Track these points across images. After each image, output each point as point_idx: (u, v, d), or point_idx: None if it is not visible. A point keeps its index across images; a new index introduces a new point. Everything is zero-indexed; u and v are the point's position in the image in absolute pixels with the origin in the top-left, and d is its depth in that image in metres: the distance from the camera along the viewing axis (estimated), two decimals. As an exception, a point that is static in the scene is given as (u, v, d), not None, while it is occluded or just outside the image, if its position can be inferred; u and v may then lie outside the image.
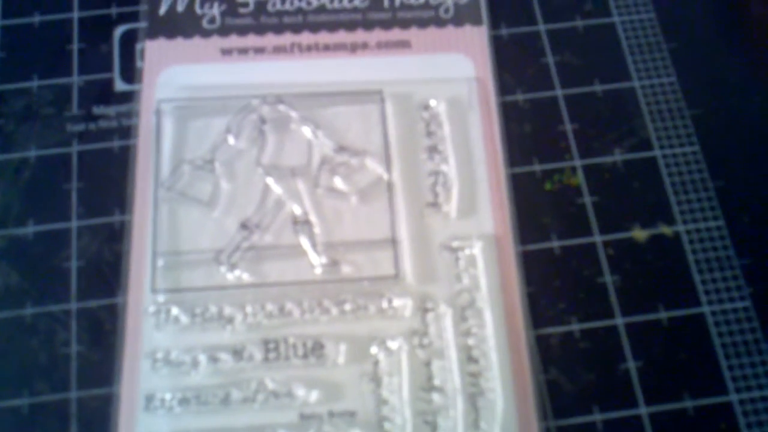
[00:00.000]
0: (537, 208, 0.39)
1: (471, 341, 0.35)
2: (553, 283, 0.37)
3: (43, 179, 0.39)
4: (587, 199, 0.39)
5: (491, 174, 0.38)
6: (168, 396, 0.34)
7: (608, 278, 0.37)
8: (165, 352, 0.35)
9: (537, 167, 0.40)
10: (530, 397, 0.34)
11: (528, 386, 0.35)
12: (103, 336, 0.36)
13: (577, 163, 0.40)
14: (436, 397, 0.34)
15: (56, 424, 0.34)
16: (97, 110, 0.40)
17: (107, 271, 0.37)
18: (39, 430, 0.34)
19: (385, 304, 0.36)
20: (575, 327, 0.36)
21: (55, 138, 0.40)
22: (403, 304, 0.36)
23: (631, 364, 0.35)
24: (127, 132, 0.40)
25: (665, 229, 0.38)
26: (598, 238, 0.38)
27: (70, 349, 0.36)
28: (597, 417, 0.34)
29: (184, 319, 0.35)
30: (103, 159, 0.39)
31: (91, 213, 0.38)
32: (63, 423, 0.34)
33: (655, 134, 0.40)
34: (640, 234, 0.38)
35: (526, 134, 0.40)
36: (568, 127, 0.41)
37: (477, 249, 0.37)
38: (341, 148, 0.39)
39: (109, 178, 0.39)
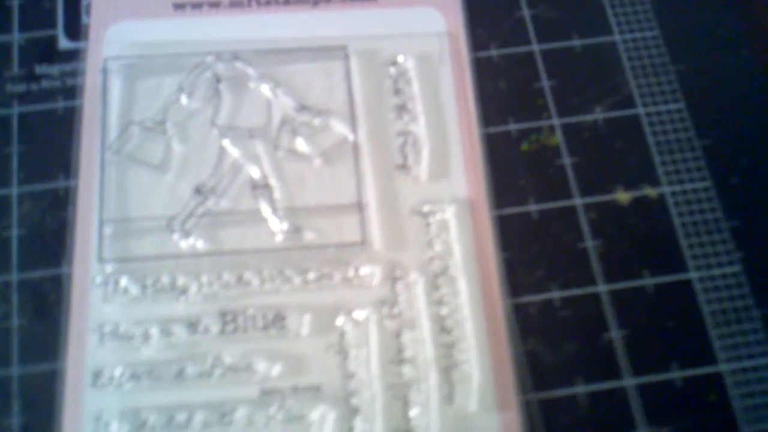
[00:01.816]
0: (513, 170, 0.37)
1: (444, 311, 0.34)
2: (531, 248, 0.36)
3: None
4: (566, 160, 0.37)
5: (464, 134, 0.37)
6: (117, 372, 0.32)
7: (590, 243, 0.36)
8: (114, 325, 0.33)
9: (513, 127, 0.38)
10: (508, 369, 0.33)
11: (505, 358, 0.33)
12: (47, 308, 0.34)
13: (556, 122, 0.38)
14: (407, 369, 0.33)
15: None
16: (39, 69, 0.38)
17: (51, 239, 0.35)
18: None
19: (351, 273, 0.34)
20: (555, 295, 0.35)
21: None
22: (371, 272, 0.34)
23: (615, 334, 0.34)
24: (71, 92, 0.38)
25: (649, 191, 0.37)
26: (578, 201, 0.37)
27: (10, 323, 0.34)
28: (580, 389, 0.33)
29: (134, 289, 0.33)
30: (46, 121, 0.37)
31: (33, 178, 0.36)
32: (4, 401, 0.33)
33: (637, 91, 0.39)
34: (623, 196, 0.37)
35: (500, 92, 0.39)
36: (546, 84, 0.39)
37: (449, 213, 0.35)
38: (303, 108, 0.37)
39: (52, 142, 0.37)
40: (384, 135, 0.37)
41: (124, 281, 0.34)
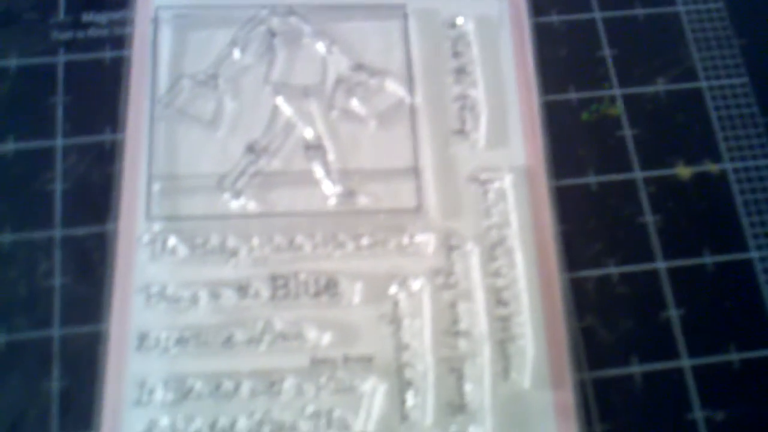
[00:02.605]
0: (573, 140, 0.36)
1: (500, 282, 0.32)
2: (589, 222, 0.35)
3: (25, 91, 0.36)
4: (627, 132, 0.36)
5: (523, 101, 0.36)
6: (164, 335, 0.31)
7: (649, 218, 0.35)
8: (161, 286, 0.32)
9: (573, 95, 0.37)
10: (564, 345, 0.32)
11: (562, 333, 0.32)
12: (91, 267, 0.32)
13: (617, 92, 0.37)
14: (461, 342, 0.31)
15: (36, 363, 0.31)
16: (86, 17, 0.37)
17: (96, 195, 0.33)
18: (17, 371, 0.31)
19: (405, 240, 0.33)
20: (613, 270, 0.34)
21: (39, 46, 0.37)
22: (426, 240, 0.33)
23: (673, 312, 0.33)
24: (119, 42, 0.36)
25: (711, 167, 0.36)
26: (638, 175, 0.35)
27: (53, 282, 0.32)
28: (635, 369, 0.32)
29: (183, 250, 0.32)
30: (93, 71, 0.36)
31: (79, 130, 0.35)
32: (44, 363, 0.31)
33: (701, 64, 0.38)
34: (684, 171, 0.36)
35: (561, 59, 0.37)
36: (607, 52, 0.38)
37: (507, 182, 0.34)
38: (359, 67, 0.36)
39: (99, 93, 0.35)
40: (441, 98, 0.36)
41: (172, 241, 0.32)
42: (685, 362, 0.32)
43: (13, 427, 0.31)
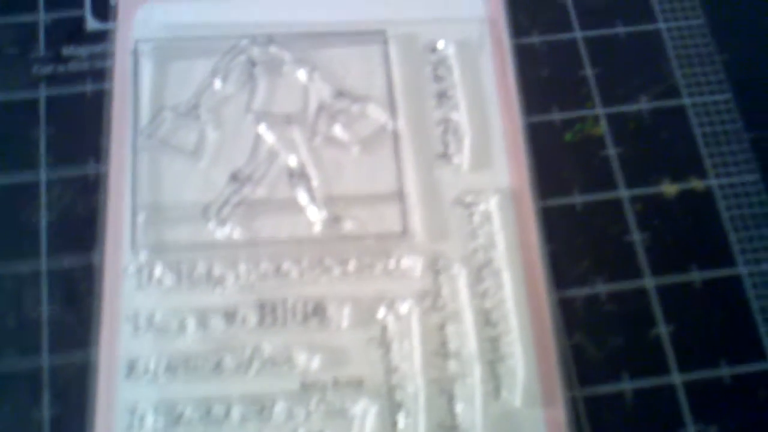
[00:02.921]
0: (557, 161, 0.39)
1: (488, 303, 0.35)
2: (575, 241, 0.37)
3: (7, 125, 0.39)
4: (611, 151, 0.39)
5: (506, 123, 0.39)
6: (152, 362, 0.34)
7: (636, 236, 0.37)
8: (148, 314, 0.34)
9: (556, 116, 0.40)
10: (554, 363, 0.34)
11: (551, 352, 0.34)
12: (78, 297, 0.35)
13: (600, 111, 0.40)
14: (451, 363, 0.34)
15: (26, 393, 0.34)
16: (66, 51, 0.40)
17: (81, 226, 0.36)
18: (7, 401, 0.34)
19: (392, 264, 0.36)
20: (601, 288, 0.36)
21: (20, 81, 0.39)
22: (413, 264, 0.36)
23: (663, 329, 0.36)
24: (100, 75, 0.39)
25: (696, 184, 0.38)
26: (624, 193, 0.38)
27: (40, 312, 0.35)
28: (626, 385, 0.35)
29: (169, 278, 0.35)
30: (75, 104, 0.39)
31: (62, 163, 0.38)
32: (34, 392, 0.34)
33: (683, 81, 0.40)
34: (669, 189, 0.38)
35: (543, 80, 0.40)
36: (589, 72, 0.41)
37: (492, 204, 0.37)
38: (340, 94, 0.39)
39: (81, 125, 0.38)
40: (424, 122, 0.39)
41: (158, 270, 0.35)
42: (676, 378, 0.35)
43: None
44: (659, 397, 0.35)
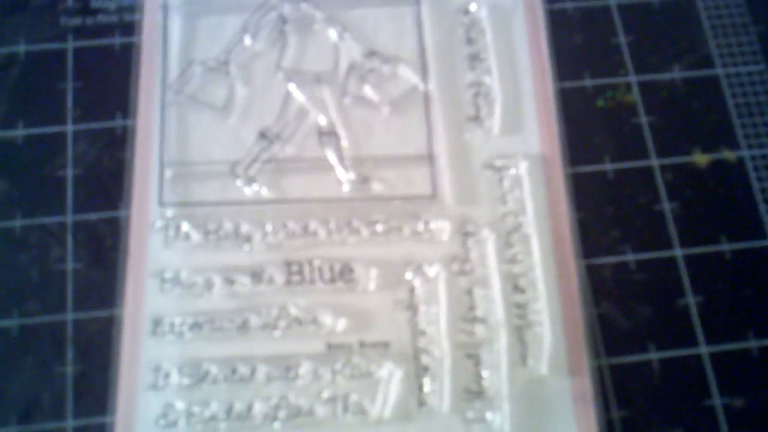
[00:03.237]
0: (588, 127, 0.39)
1: (517, 269, 0.35)
2: (605, 209, 0.37)
3: (34, 78, 0.39)
4: (643, 119, 0.39)
5: (538, 88, 0.39)
6: (178, 320, 0.34)
7: (666, 205, 0.37)
8: (174, 272, 0.35)
9: (588, 82, 0.40)
10: (581, 332, 0.34)
11: (578, 321, 0.35)
12: (103, 252, 0.35)
13: (632, 79, 0.40)
14: (478, 328, 0.34)
15: (50, 347, 0.34)
16: (95, 3, 0.40)
17: (108, 180, 0.37)
18: (30, 354, 0.34)
19: (420, 227, 0.36)
20: (630, 257, 0.36)
21: (48, 32, 0.40)
22: (441, 227, 0.36)
23: (691, 300, 0.36)
24: (129, 28, 0.39)
25: (728, 154, 0.38)
26: (655, 162, 0.38)
27: (65, 266, 0.35)
28: (653, 355, 0.35)
29: (196, 236, 0.35)
30: (103, 57, 0.39)
31: (89, 116, 0.38)
32: (57, 347, 0.34)
33: (717, 51, 0.40)
34: (701, 159, 0.38)
35: (576, 46, 0.41)
36: (623, 39, 0.41)
37: (522, 169, 0.37)
38: (371, 54, 0.39)
39: (109, 79, 0.38)
40: (455, 85, 0.39)
41: (185, 226, 0.35)
42: (703, 349, 0.35)
43: (27, 412, 0.33)
44: (686, 368, 0.35)
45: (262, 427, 0.33)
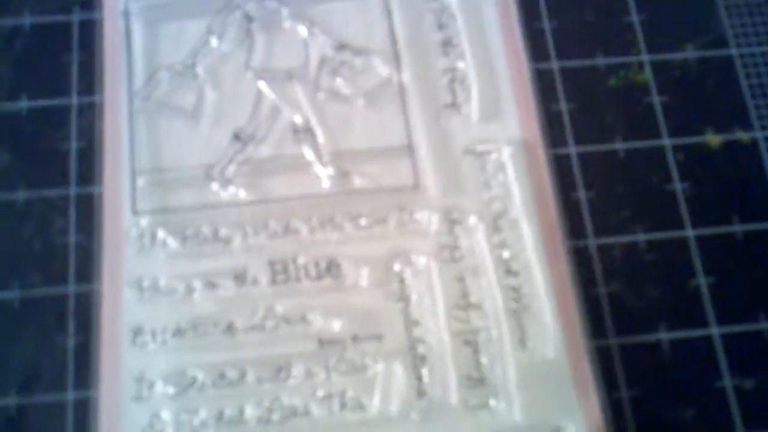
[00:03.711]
0: (599, 106, 0.47)
1: (507, 254, 0.43)
2: (616, 188, 0.45)
3: (39, 50, 0.47)
4: (656, 99, 0.47)
5: (513, 72, 0.47)
6: (159, 328, 0.41)
7: (678, 186, 0.45)
8: (152, 279, 0.42)
9: (600, 61, 0.48)
10: (575, 313, 0.42)
11: (571, 303, 0.42)
12: (106, 225, 0.41)
13: (645, 58, 0.48)
14: (473, 315, 0.42)
15: (51, 320, 0.42)
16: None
17: (111, 153, 0.42)
18: (31, 326, 0.41)
19: (405, 218, 0.43)
20: (641, 237, 0.44)
21: (53, 4, 0.48)
22: (427, 216, 0.43)
23: (702, 280, 0.43)
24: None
25: (741, 135, 0.46)
26: (667, 142, 0.46)
27: (67, 239, 0.43)
28: (663, 336, 0.42)
29: (173, 242, 0.42)
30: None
31: (94, 89, 0.46)
32: (59, 319, 0.42)
33: (731, 31, 0.49)
34: (713, 139, 0.46)
35: (587, 24, 0.49)
36: (635, 18, 0.49)
37: (505, 154, 0.45)
38: (342, 46, 0.46)
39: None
40: (429, 73, 0.47)
41: (161, 233, 0.42)
42: (714, 330, 0.42)
43: (27, 383, 0.40)
44: (697, 349, 0.42)
45: (256, 430, 0.40)
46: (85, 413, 0.41)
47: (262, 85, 0.46)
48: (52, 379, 0.41)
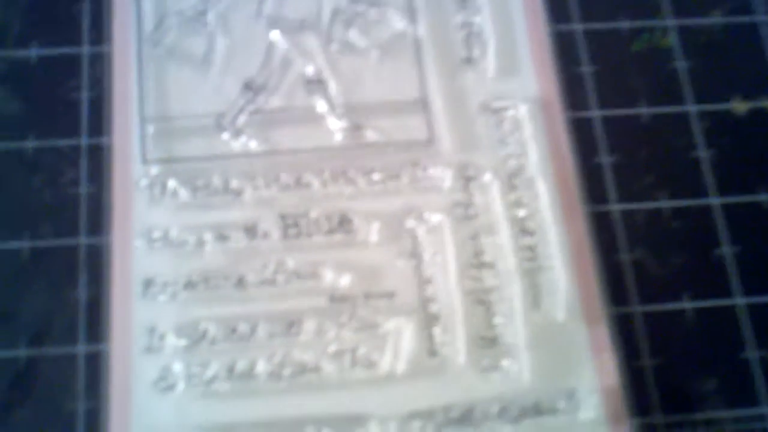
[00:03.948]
0: (622, 70, 0.46)
1: (522, 212, 0.42)
2: (639, 153, 0.45)
3: None
4: (680, 64, 0.47)
5: (531, 29, 0.46)
6: (170, 280, 0.41)
7: (703, 153, 0.45)
8: (163, 230, 0.41)
9: (624, 24, 0.47)
10: (592, 278, 0.42)
11: (589, 266, 0.42)
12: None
13: (670, 23, 0.48)
14: (487, 274, 0.41)
15: (61, 271, 0.41)
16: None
17: (122, 104, 0.41)
18: (41, 278, 0.41)
19: (419, 173, 0.43)
20: (665, 204, 0.43)
21: None
22: (441, 173, 0.43)
23: (727, 250, 0.43)
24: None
25: (767, 104, 0.46)
26: (691, 108, 0.46)
27: (78, 190, 0.42)
28: (687, 305, 0.42)
29: (184, 193, 0.42)
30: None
31: (106, 38, 0.45)
32: (69, 271, 0.41)
33: None
34: (739, 106, 0.46)
35: None
36: None
37: (522, 111, 0.44)
38: None
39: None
40: (445, 26, 0.46)
41: (172, 183, 0.42)
42: (739, 300, 0.42)
43: (38, 335, 0.40)
44: (721, 319, 0.42)
45: (267, 385, 0.39)
46: (96, 366, 0.40)
47: (274, 34, 0.46)
48: (63, 332, 0.41)
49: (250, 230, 0.42)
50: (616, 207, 0.44)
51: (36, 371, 0.40)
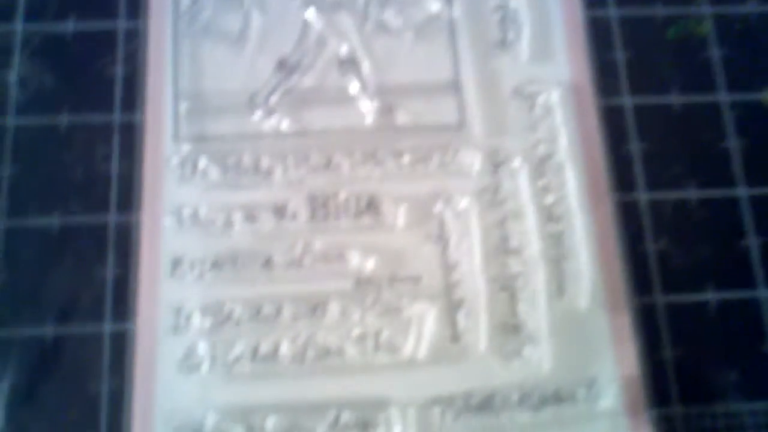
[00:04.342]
0: (656, 57, 0.46)
1: (550, 199, 0.42)
2: (669, 142, 0.44)
3: None
4: (714, 53, 0.46)
5: (567, 15, 0.46)
6: (198, 259, 0.41)
7: (732, 143, 0.44)
8: (193, 209, 0.41)
9: (659, 11, 0.47)
10: (617, 267, 0.42)
11: (614, 255, 0.42)
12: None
13: (706, 10, 0.47)
14: (512, 260, 0.41)
15: (91, 249, 0.41)
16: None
17: (157, 81, 0.41)
18: (71, 254, 0.41)
19: (449, 157, 0.43)
20: (692, 194, 0.43)
21: None
22: (471, 157, 0.43)
23: (753, 241, 0.43)
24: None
25: None
26: (723, 97, 0.45)
27: (110, 167, 0.42)
28: (710, 296, 0.41)
29: (215, 171, 0.42)
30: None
31: (143, 14, 0.45)
32: (99, 249, 0.41)
33: None
34: None
35: None
36: None
37: (555, 97, 0.44)
38: None
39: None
40: (481, 9, 0.45)
41: (203, 162, 0.42)
42: (763, 293, 0.42)
43: (65, 312, 0.40)
44: (744, 312, 0.42)
45: (290, 368, 0.40)
46: (121, 345, 0.40)
47: (309, 13, 0.45)
48: (89, 310, 0.41)
49: (279, 211, 0.42)
50: (643, 196, 0.43)
51: (62, 349, 0.40)
